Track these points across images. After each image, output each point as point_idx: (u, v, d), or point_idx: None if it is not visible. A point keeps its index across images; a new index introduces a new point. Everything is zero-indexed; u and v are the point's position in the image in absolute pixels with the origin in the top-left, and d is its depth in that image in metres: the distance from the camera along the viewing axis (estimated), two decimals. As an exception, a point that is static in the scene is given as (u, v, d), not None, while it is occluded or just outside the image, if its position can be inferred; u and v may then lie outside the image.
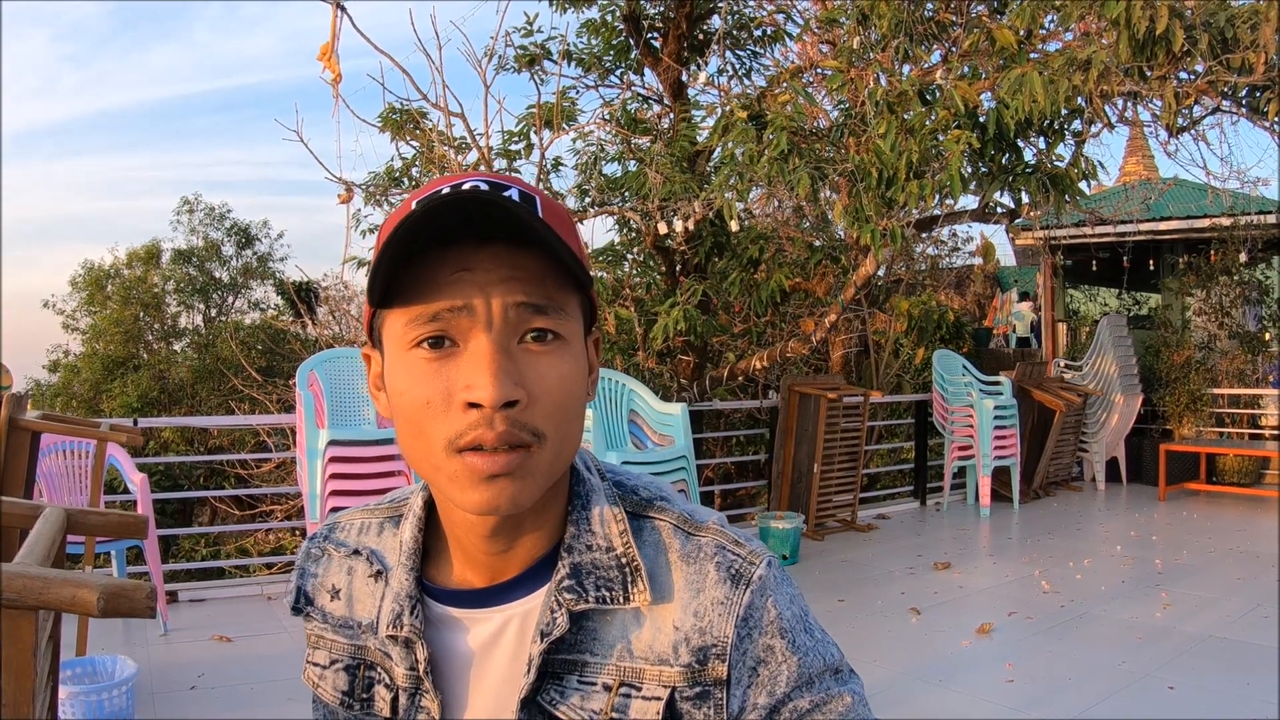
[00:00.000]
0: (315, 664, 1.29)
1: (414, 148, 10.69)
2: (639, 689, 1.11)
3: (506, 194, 1.05)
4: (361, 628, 1.25)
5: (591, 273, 1.12)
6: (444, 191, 1.03)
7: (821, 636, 1.16)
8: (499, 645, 1.16)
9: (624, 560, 1.14)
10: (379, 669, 1.22)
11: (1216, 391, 13.18)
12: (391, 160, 11.09)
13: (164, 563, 6.78)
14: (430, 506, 1.24)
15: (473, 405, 1.02)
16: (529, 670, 1.11)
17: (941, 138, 7.37)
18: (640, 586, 1.12)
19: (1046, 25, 8.24)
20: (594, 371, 1.19)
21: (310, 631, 1.31)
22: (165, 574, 6.76)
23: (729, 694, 1.10)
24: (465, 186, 1.05)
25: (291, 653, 5.96)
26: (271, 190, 66.05)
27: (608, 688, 1.11)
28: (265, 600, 7.26)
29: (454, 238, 1.04)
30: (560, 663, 1.12)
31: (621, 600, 1.12)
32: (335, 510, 6.49)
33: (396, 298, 1.05)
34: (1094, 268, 15.23)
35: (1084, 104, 7.53)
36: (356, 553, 1.28)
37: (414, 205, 1.04)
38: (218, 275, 27.72)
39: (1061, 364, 13.45)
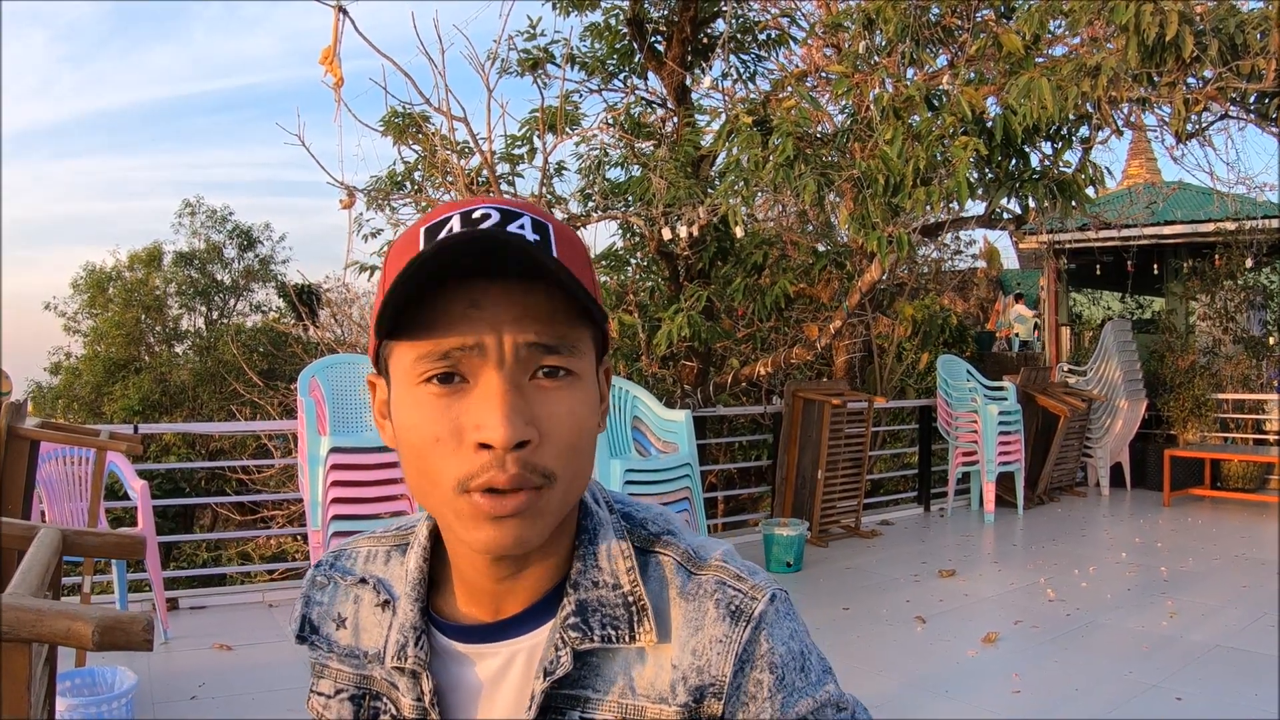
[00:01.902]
0: (320, 693, 1.27)
1: (416, 152, 10.68)
2: None
3: (519, 224, 1.04)
4: (368, 657, 1.22)
5: (599, 278, 1.09)
6: (455, 227, 1.03)
7: (819, 678, 1.12)
8: (505, 680, 1.14)
9: (631, 599, 1.12)
10: (385, 699, 1.20)
11: (1221, 396, 13.14)
12: (393, 164, 11.09)
13: (164, 568, 6.75)
14: (435, 536, 1.21)
15: (484, 446, 1.00)
16: (531, 706, 1.09)
17: (948, 143, 7.35)
18: (646, 626, 1.10)
19: (1053, 30, 8.22)
20: (604, 402, 1.17)
21: (315, 660, 1.29)
22: (166, 580, 6.72)
23: None
24: (476, 214, 1.04)
25: (293, 662, 5.92)
26: (271, 191, 66.24)
27: None
28: (267, 607, 7.22)
29: (466, 274, 1.01)
30: (562, 698, 1.10)
31: (627, 640, 1.10)
32: (337, 518, 6.49)
33: (405, 331, 1.03)
34: (1098, 272, 15.24)
35: (1092, 110, 7.50)
36: (363, 581, 1.26)
37: (422, 239, 1.04)
38: (219, 278, 27.81)
39: (1065, 369, 13.44)
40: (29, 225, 58.64)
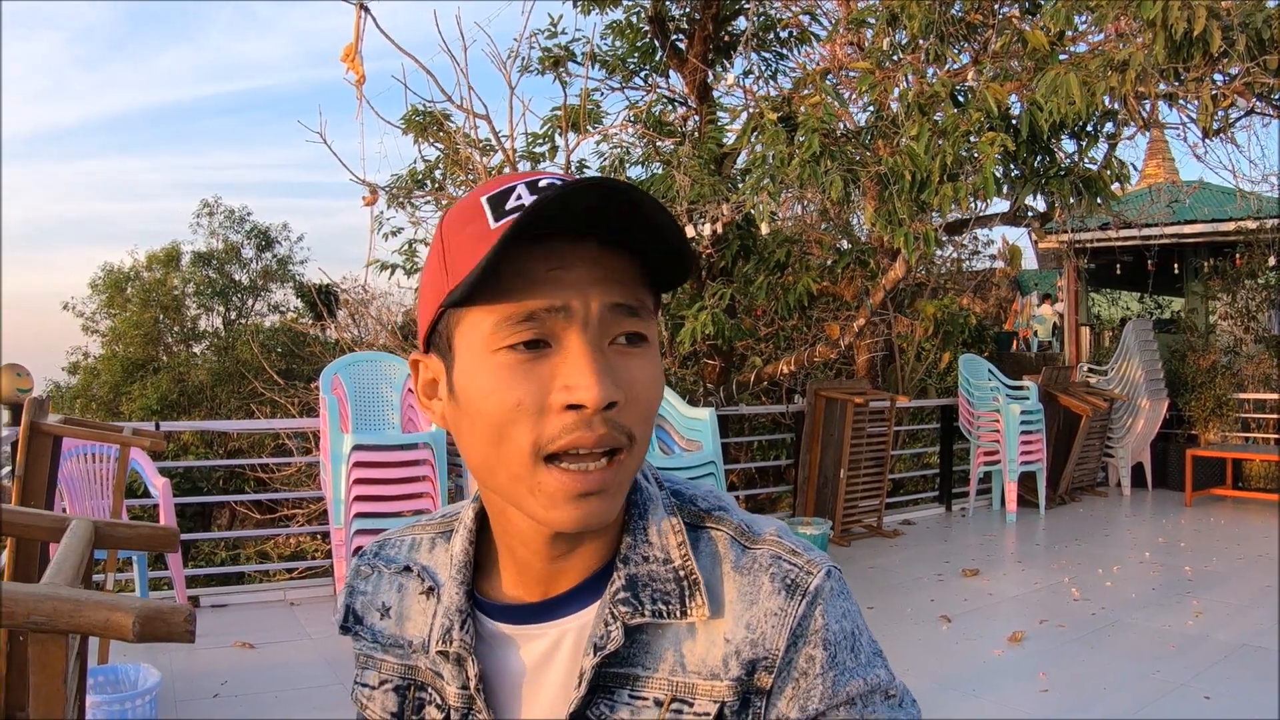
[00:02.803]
0: (364, 684, 1.26)
1: (438, 149, 10.66)
2: (690, 704, 1.07)
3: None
4: (412, 646, 1.21)
5: None
6: (522, 195, 1.02)
7: (869, 659, 1.10)
8: (553, 662, 1.12)
9: (682, 573, 1.10)
10: (430, 689, 1.19)
11: (1242, 396, 13.08)
12: (414, 162, 11.07)
13: (184, 567, 6.74)
14: (481, 518, 1.20)
15: (571, 407, 0.99)
16: (580, 684, 1.07)
17: (974, 140, 7.32)
18: (699, 601, 1.08)
19: (1078, 26, 8.18)
20: None
21: (359, 651, 1.28)
22: (185, 578, 6.72)
23: (768, 703, 1.06)
24: (543, 183, 1.03)
25: (315, 660, 5.93)
26: (285, 193, 66.37)
27: (659, 702, 1.07)
28: (288, 606, 7.22)
29: (549, 231, 0.99)
30: (612, 676, 1.08)
31: (678, 614, 1.08)
32: (359, 515, 6.49)
33: (483, 294, 1.00)
34: (1118, 271, 15.17)
35: (1118, 106, 7.46)
36: (407, 569, 1.25)
37: (487, 208, 1.03)
38: (237, 278, 27.83)
39: (1086, 368, 13.38)
40: (42, 226, 58.80)
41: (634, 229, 0.99)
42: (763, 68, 11.19)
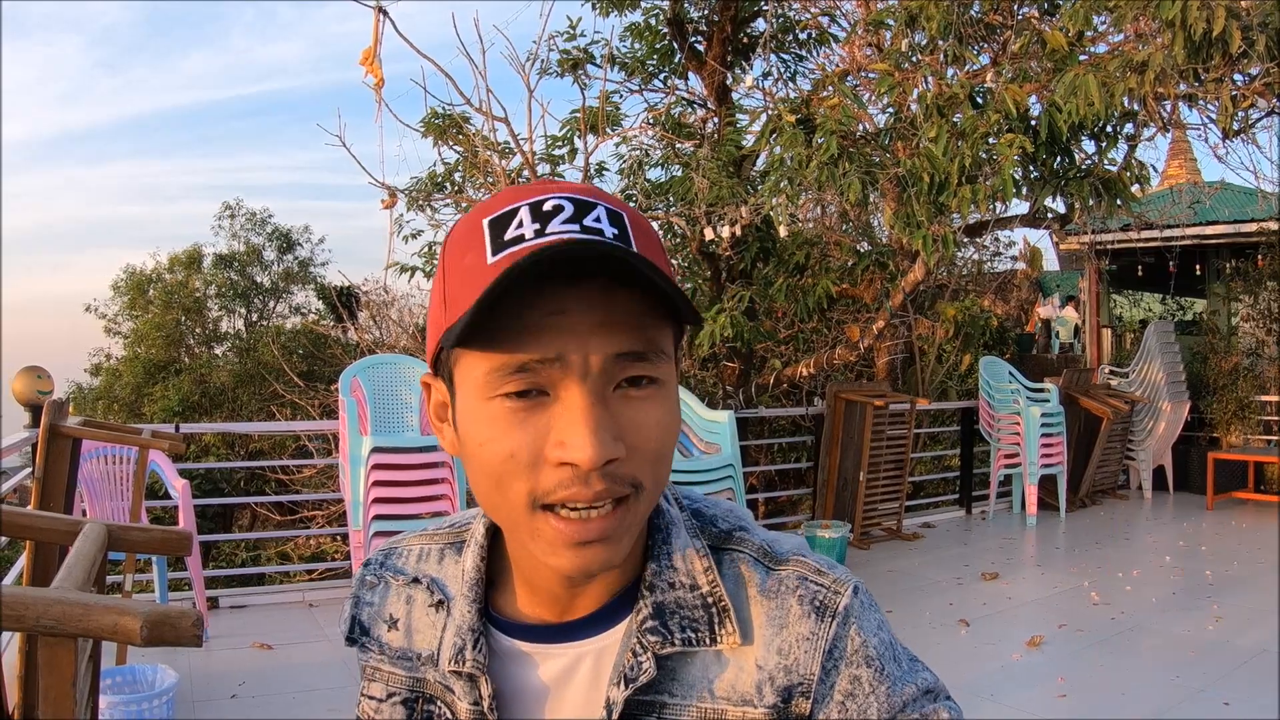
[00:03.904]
0: (371, 697, 1.24)
1: (457, 152, 10.68)
2: None
3: (594, 216, 0.98)
4: (421, 659, 1.19)
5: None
6: (524, 219, 0.97)
7: (910, 665, 1.09)
8: (571, 683, 1.11)
9: (710, 599, 1.08)
10: (439, 703, 1.17)
11: (1265, 399, 13.01)
12: (433, 165, 11.10)
13: (204, 568, 6.76)
14: (493, 533, 1.18)
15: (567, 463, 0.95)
16: (609, 716, 1.05)
17: (993, 141, 7.30)
18: (729, 628, 1.06)
19: (1097, 26, 8.16)
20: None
21: (366, 663, 1.25)
22: (205, 579, 6.73)
23: None
24: (547, 207, 0.98)
25: (334, 662, 5.94)
26: (306, 195, 66.59)
27: None
28: (307, 607, 7.24)
29: (546, 278, 0.95)
30: (638, 704, 1.06)
31: (708, 642, 1.06)
32: (378, 518, 6.49)
33: (475, 340, 0.96)
34: (1139, 273, 15.10)
35: (1138, 107, 7.44)
36: (416, 581, 1.23)
37: (486, 231, 0.99)
38: (259, 280, 27.90)
39: (1108, 370, 13.33)
40: (65, 229, 59.13)
41: (641, 266, 0.93)
42: (781, 69, 11.20)
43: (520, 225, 0.97)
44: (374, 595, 1.26)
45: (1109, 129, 7.97)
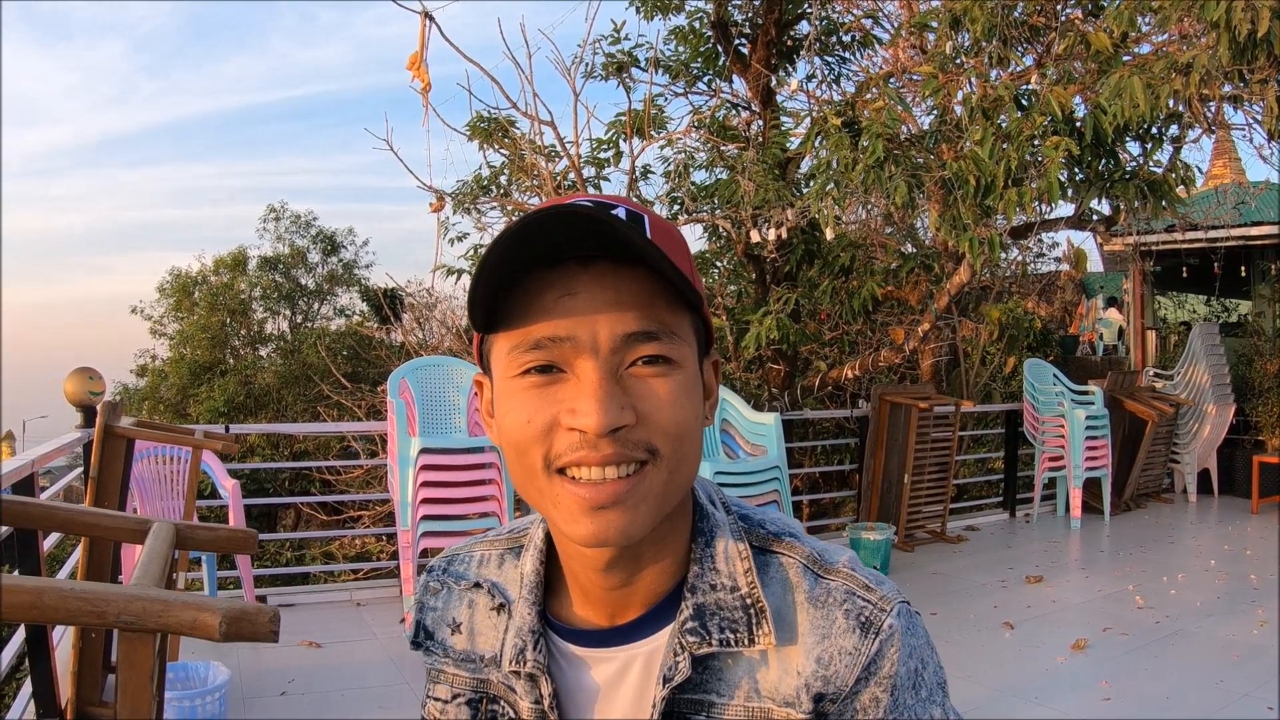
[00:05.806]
0: (436, 698, 1.29)
1: (503, 155, 10.72)
2: None
3: (613, 210, 1.04)
4: (484, 661, 1.24)
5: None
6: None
7: (930, 694, 1.13)
8: (623, 684, 1.15)
9: (749, 601, 1.11)
10: (502, 703, 1.21)
11: (1311, 402, 12.90)
12: (479, 168, 11.14)
13: (251, 567, 6.82)
14: (551, 538, 1.22)
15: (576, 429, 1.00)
16: (653, 714, 1.10)
17: (1038, 144, 7.29)
18: (765, 629, 1.10)
19: (1141, 27, 8.12)
20: (712, 395, 1.16)
21: (431, 666, 1.31)
22: (253, 579, 6.80)
23: None
24: (569, 202, 1.03)
25: (382, 661, 5.98)
26: (351, 198, 66.87)
27: None
28: (355, 606, 7.29)
29: (558, 259, 1.01)
30: (686, 703, 1.10)
31: (746, 643, 1.10)
32: (426, 518, 6.54)
33: (501, 322, 1.04)
34: (1184, 274, 14.99)
35: (1183, 109, 7.41)
36: (477, 585, 1.28)
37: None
38: (303, 282, 28.04)
39: (1152, 373, 13.25)
40: (110, 231, 59.54)
41: (648, 248, 0.99)
42: (825, 72, 11.18)
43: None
44: (438, 600, 1.30)
45: (1154, 131, 7.94)
